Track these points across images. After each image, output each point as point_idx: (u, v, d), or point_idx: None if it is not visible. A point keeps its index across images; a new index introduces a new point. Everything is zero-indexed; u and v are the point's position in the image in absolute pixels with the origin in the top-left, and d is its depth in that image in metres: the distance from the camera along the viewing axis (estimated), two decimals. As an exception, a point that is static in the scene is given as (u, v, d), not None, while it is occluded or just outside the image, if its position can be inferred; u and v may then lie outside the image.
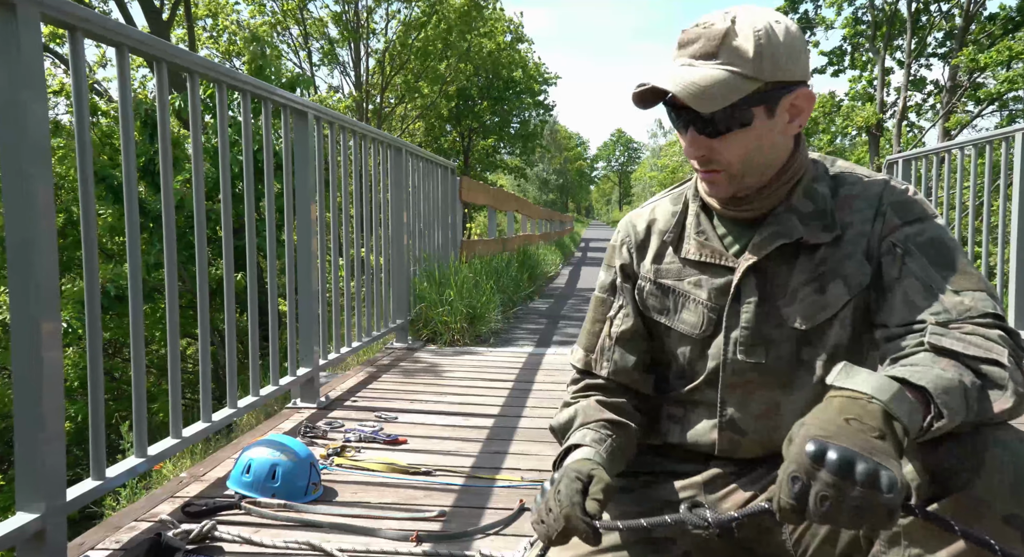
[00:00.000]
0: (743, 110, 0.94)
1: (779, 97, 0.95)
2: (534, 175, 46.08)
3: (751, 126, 0.95)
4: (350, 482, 1.83)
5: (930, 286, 0.92)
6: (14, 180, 1.25)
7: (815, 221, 1.01)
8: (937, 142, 13.72)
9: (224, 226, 2.02)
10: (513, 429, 2.37)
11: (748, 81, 0.92)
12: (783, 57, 0.94)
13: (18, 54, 1.22)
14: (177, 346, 1.82)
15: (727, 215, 1.06)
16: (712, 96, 0.91)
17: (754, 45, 0.92)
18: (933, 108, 16.35)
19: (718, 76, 0.92)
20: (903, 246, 0.96)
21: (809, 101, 0.98)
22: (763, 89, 0.94)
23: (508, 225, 10.05)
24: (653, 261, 1.11)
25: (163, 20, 12.18)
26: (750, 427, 1.04)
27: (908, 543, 0.82)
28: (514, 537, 1.53)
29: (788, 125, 0.98)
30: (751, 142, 0.96)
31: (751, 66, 0.92)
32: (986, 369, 0.83)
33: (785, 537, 1.00)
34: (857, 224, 1.00)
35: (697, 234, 1.07)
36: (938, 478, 0.80)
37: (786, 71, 0.94)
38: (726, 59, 0.93)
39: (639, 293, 1.12)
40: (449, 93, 20.26)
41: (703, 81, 0.92)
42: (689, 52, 0.95)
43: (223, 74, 2.02)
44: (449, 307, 4.14)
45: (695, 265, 1.07)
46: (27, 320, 1.27)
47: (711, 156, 0.98)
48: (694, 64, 0.94)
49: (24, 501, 1.28)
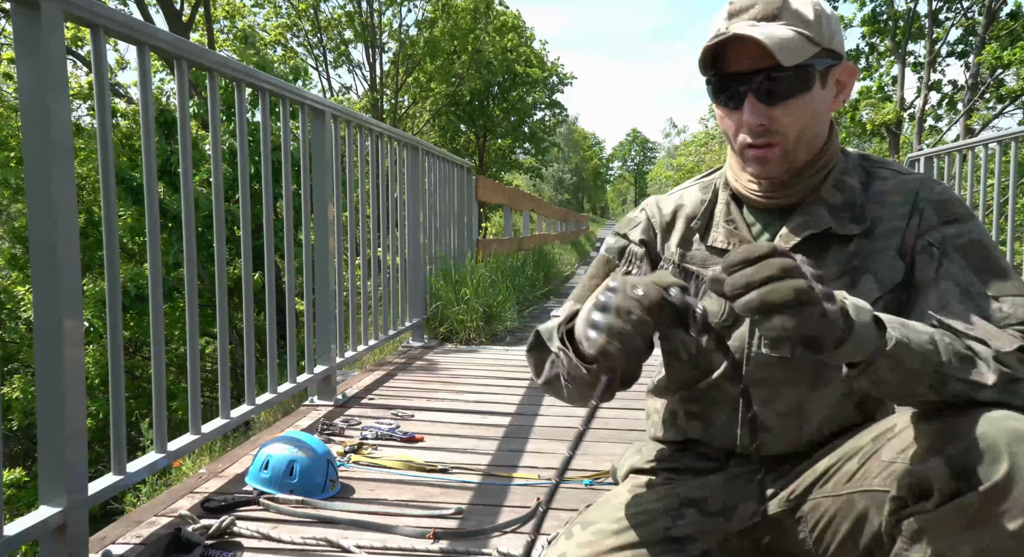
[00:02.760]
0: (806, 73, 0.93)
1: (831, 67, 0.95)
2: (549, 175, 46.00)
3: (810, 92, 0.94)
4: (367, 479, 1.84)
5: (968, 291, 0.91)
6: (38, 180, 1.26)
7: (844, 213, 1.00)
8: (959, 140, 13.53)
9: (243, 226, 2.03)
10: (530, 428, 2.36)
11: (811, 44, 0.92)
12: (835, 27, 0.95)
13: (42, 54, 1.24)
14: (196, 344, 1.83)
15: (759, 204, 1.04)
16: (792, 49, 0.90)
17: (813, 10, 0.93)
18: (952, 105, 16.12)
19: (789, 33, 0.91)
20: (940, 247, 0.94)
21: (852, 76, 0.98)
22: (820, 55, 0.93)
23: (524, 225, 10.04)
24: (679, 245, 1.08)
25: (183, 22, 12.31)
26: (773, 424, 1.03)
27: (931, 539, 0.81)
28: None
29: (834, 100, 0.98)
30: (808, 110, 0.95)
31: (813, 29, 0.92)
32: (973, 344, 0.83)
33: (804, 536, 0.99)
34: (890, 219, 0.98)
35: (726, 222, 1.06)
36: (961, 475, 0.79)
37: (837, 41, 0.95)
38: (789, 20, 0.92)
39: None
40: (463, 92, 20.31)
41: (783, 34, 0.90)
42: (749, 15, 0.93)
43: (242, 72, 2.03)
44: (465, 306, 4.14)
45: (722, 253, 1.04)
46: (51, 319, 1.28)
47: (770, 125, 0.95)
48: (757, 24, 0.92)
49: (47, 495, 1.30)
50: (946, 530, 0.80)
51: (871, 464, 0.91)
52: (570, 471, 1.91)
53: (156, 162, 1.64)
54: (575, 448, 0.82)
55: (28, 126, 1.25)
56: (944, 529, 0.80)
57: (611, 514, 1.03)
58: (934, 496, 0.80)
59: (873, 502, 0.90)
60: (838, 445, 0.98)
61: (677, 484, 1.08)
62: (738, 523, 1.03)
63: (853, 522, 0.92)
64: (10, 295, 9.68)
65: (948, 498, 0.79)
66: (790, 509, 1.00)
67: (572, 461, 0.82)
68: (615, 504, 1.07)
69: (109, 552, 1.40)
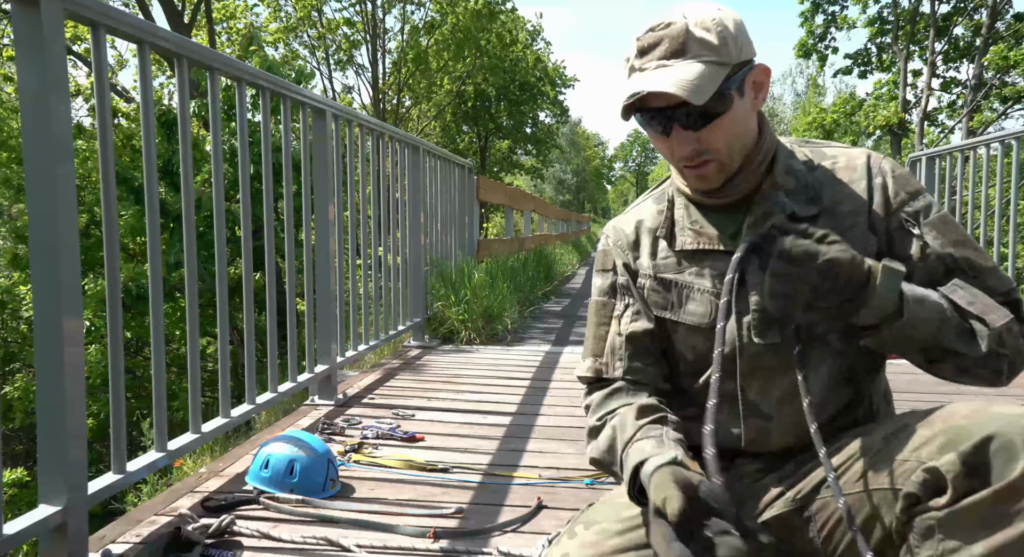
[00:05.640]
0: (722, 95, 0.97)
1: (744, 76, 0.99)
2: (551, 175, 45.99)
3: (731, 110, 0.98)
4: (367, 478, 1.84)
5: (951, 269, 0.98)
6: (38, 180, 1.26)
7: (800, 196, 1.04)
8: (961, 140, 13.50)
9: (243, 225, 2.03)
10: (530, 427, 2.36)
11: (721, 68, 0.96)
12: (740, 39, 0.98)
13: (42, 52, 1.23)
14: (197, 343, 1.83)
15: (712, 205, 1.08)
16: (702, 88, 0.94)
17: (716, 34, 0.96)
18: (952, 106, 16.08)
19: (698, 68, 0.95)
20: (916, 223, 1.00)
21: (766, 74, 1.02)
22: (732, 72, 0.97)
23: (525, 225, 10.05)
24: (650, 258, 1.12)
25: (184, 23, 12.31)
26: (774, 411, 1.03)
27: (943, 536, 0.81)
28: (531, 534, 1.52)
29: (755, 101, 1.02)
30: (733, 125, 1.00)
31: (720, 53, 0.96)
32: (972, 321, 0.93)
33: (813, 535, 0.98)
34: (851, 195, 1.03)
35: (691, 223, 1.09)
36: (976, 472, 0.79)
37: (744, 51, 0.99)
38: (696, 52, 0.96)
39: (640, 291, 1.11)
40: (466, 93, 20.31)
41: (689, 75, 0.94)
42: (657, 54, 0.97)
43: (243, 71, 2.03)
44: (465, 306, 4.14)
45: (693, 255, 1.08)
46: (50, 318, 1.28)
47: (700, 147, 1.00)
48: (668, 64, 0.96)
49: (47, 494, 1.30)
50: (959, 528, 0.79)
51: (883, 462, 0.91)
52: (571, 471, 1.91)
53: (156, 162, 1.64)
54: None
55: (28, 125, 1.25)
56: (957, 527, 0.79)
57: (614, 514, 1.03)
58: (948, 493, 0.80)
59: (884, 500, 0.89)
60: (846, 444, 0.98)
61: None
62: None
63: (864, 520, 0.92)
64: (12, 295, 9.69)
65: (962, 496, 0.79)
66: (798, 508, 1.00)
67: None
68: (618, 503, 1.06)
69: (109, 551, 1.40)
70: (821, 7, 16.96)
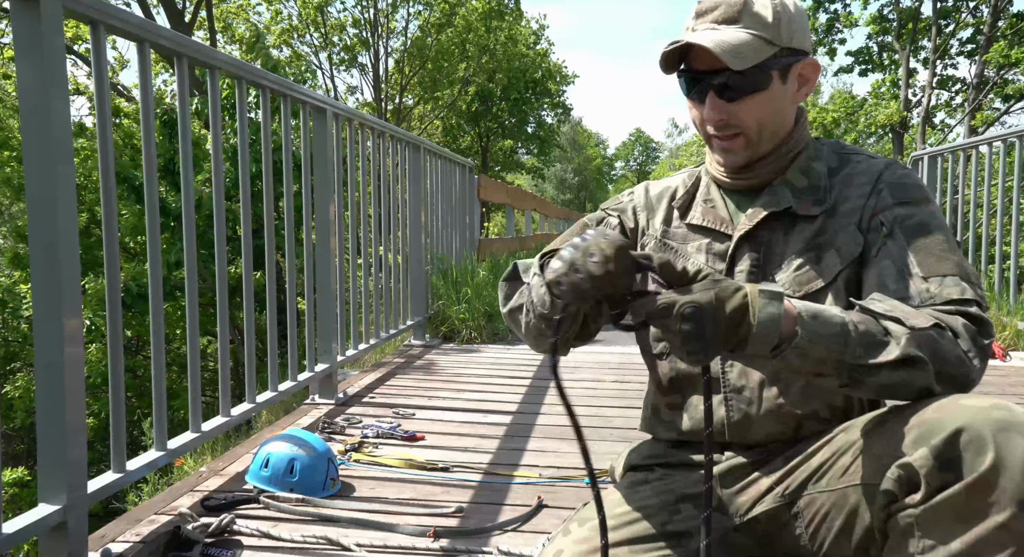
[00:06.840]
0: (763, 73, 0.98)
1: (791, 64, 1.01)
2: (552, 174, 46.00)
3: (767, 90, 1.00)
4: (368, 478, 1.84)
5: (902, 271, 0.96)
6: (38, 179, 1.26)
7: (807, 196, 1.05)
8: (963, 139, 13.49)
9: (244, 224, 2.03)
10: (531, 426, 2.36)
11: (768, 45, 0.98)
12: (796, 26, 0.99)
13: (41, 50, 1.23)
14: (197, 343, 1.83)
15: (733, 185, 1.10)
16: (743, 54, 0.96)
17: (772, 12, 0.99)
18: (949, 105, 16.05)
19: (744, 37, 0.97)
20: (889, 226, 1.00)
21: (815, 71, 1.03)
22: (780, 54, 0.99)
23: (526, 224, 10.04)
24: (663, 223, 1.15)
25: (185, 22, 12.31)
26: (755, 395, 1.03)
27: (922, 534, 0.80)
28: (532, 534, 1.52)
29: (796, 93, 1.04)
30: (767, 106, 1.01)
31: (771, 31, 0.98)
32: (889, 324, 0.86)
33: (801, 531, 0.99)
34: (854, 198, 1.04)
35: (704, 201, 1.12)
36: (948, 466, 0.78)
37: (798, 39, 1.00)
38: (748, 23, 0.98)
39: (642, 248, 1.14)
40: (468, 93, 20.29)
41: (733, 40, 0.96)
42: (711, 18, 1.00)
43: (243, 70, 2.03)
44: (466, 305, 4.14)
45: (699, 230, 1.11)
46: (50, 317, 1.28)
47: (730, 120, 1.01)
48: (718, 28, 0.99)
49: (46, 493, 1.30)
50: (937, 524, 0.79)
51: (862, 458, 0.91)
52: (571, 470, 1.91)
53: (156, 161, 1.64)
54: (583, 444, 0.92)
55: (28, 125, 1.25)
56: (935, 523, 0.79)
57: (608, 510, 1.03)
58: (922, 489, 0.80)
59: (864, 496, 0.90)
60: (831, 440, 0.98)
61: (672, 480, 1.08)
62: (732, 518, 1.03)
63: (846, 517, 0.92)
64: (12, 293, 9.69)
65: (936, 491, 0.79)
66: (786, 504, 1.00)
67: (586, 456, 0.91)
68: (613, 500, 1.07)
69: (108, 550, 1.39)
70: (823, 6, 16.93)
